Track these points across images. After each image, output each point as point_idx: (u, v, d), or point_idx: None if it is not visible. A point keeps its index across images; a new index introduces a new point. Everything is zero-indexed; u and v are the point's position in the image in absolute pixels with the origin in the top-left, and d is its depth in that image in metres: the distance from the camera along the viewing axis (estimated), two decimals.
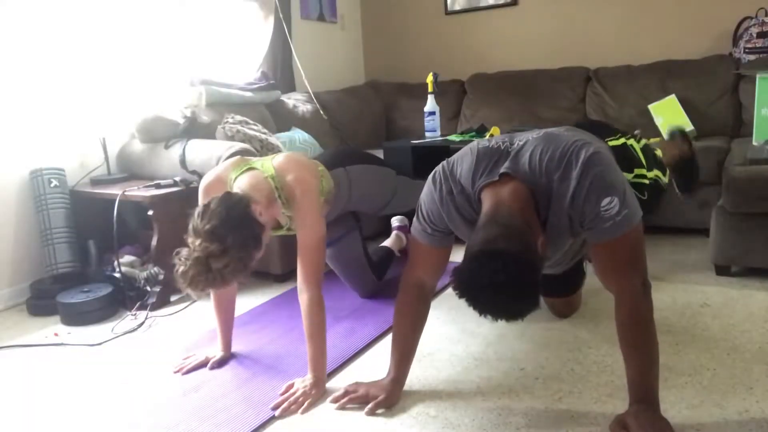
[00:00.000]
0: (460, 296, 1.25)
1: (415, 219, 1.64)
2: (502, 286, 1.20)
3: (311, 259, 1.71)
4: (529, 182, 1.41)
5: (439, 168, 1.59)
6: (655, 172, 1.97)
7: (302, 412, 1.60)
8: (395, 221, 2.83)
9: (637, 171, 1.91)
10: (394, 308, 1.69)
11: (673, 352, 1.78)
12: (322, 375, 1.70)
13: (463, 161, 1.53)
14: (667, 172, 2.07)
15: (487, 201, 1.41)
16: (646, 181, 1.93)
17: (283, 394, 1.66)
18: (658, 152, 2.09)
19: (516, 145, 1.48)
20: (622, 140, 1.92)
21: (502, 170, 1.42)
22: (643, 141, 2.01)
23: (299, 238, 1.74)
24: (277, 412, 1.59)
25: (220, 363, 1.91)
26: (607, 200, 1.35)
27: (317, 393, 1.66)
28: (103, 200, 2.64)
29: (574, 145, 1.41)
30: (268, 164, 1.82)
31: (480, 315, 1.25)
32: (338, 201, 2.14)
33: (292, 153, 1.97)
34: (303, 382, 1.68)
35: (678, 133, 2.31)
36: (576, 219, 1.42)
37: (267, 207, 1.71)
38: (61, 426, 1.62)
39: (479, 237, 1.28)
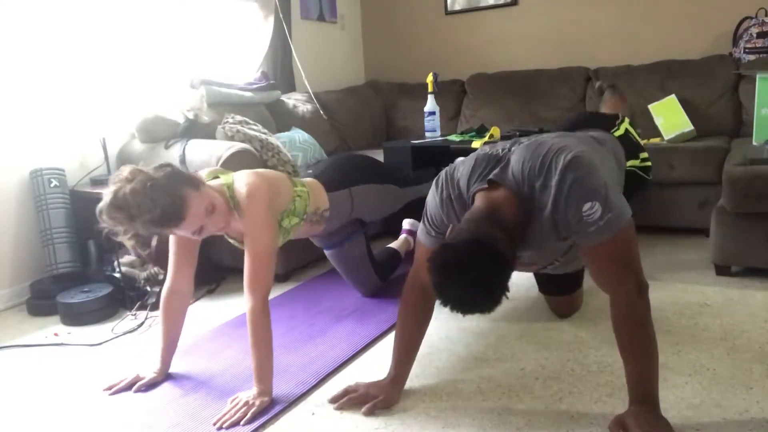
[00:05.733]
0: (431, 277, 1.28)
1: (421, 222, 1.67)
2: (469, 278, 1.25)
3: (255, 270, 1.68)
4: (514, 190, 1.43)
5: (442, 172, 1.62)
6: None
7: (244, 423, 1.55)
8: (406, 224, 2.83)
9: (641, 155, 1.91)
10: (398, 308, 1.69)
11: (673, 352, 1.78)
12: (267, 387, 1.64)
13: (464, 166, 1.56)
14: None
15: (479, 201, 1.45)
16: (649, 163, 1.93)
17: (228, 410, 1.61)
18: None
19: (511, 151, 1.51)
20: (623, 127, 1.92)
21: (489, 177, 1.46)
22: (627, 119, 2.02)
23: (246, 246, 1.72)
24: (219, 431, 1.54)
25: (150, 386, 1.79)
26: (587, 206, 1.35)
27: (261, 403, 1.60)
28: None
29: (554, 152, 1.43)
30: (231, 175, 1.82)
31: (443, 304, 1.29)
32: (336, 219, 2.18)
33: (263, 170, 1.96)
34: (247, 394, 1.63)
35: (605, 86, 2.37)
36: (561, 224, 1.43)
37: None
38: (60, 426, 1.62)
39: (464, 230, 1.33)
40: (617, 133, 1.88)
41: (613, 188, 1.41)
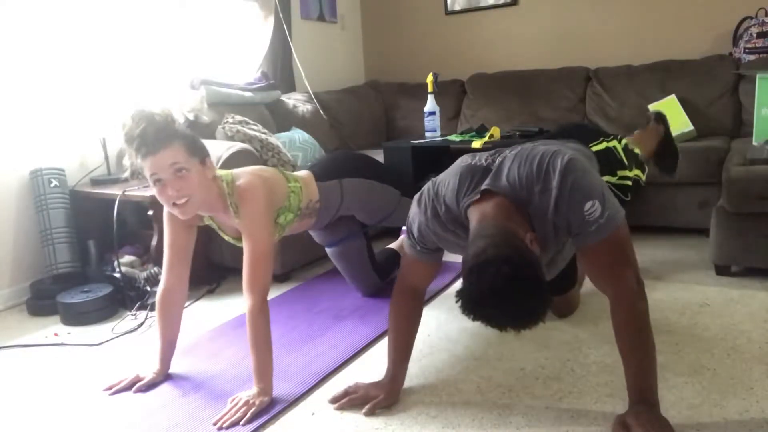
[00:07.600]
0: (469, 314, 1.25)
1: (405, 235, 1.68)
2: (503, 289, 1.20)
3: (253, 269, 1.68)
4: (510, 197, 1.42)
5: (425, 189, 1.61)
6: (636, 171, 1.99)
7: (244, 423, 1.54)
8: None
9: (620, 173, 1.91)
10: (389, 311, 1.70)
11: (673, 352, 1.78)
12: (267, 387, 1.64)
13: (448, 181, 1.55)
14: (646, 169, 2.13)
15: (473, 218, 1.43)
16: (629, 183, 1.93)
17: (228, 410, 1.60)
18: (638, 150, 2.12)
19: (497, 161, 1.50)
20: (604, 144, 1.92)
21: (482, 187, 1.44)
22: (624, 141, 2.02)
23: (244, 246, 1.72)
24: (218, 431, 1.54)
25: (150, 386, 1.78)
26: (588, 204, 1.37)
27: (261, 403, 1.60)
28: (103, 200, 2.63)
29: (549, 155, 1.43)
30: (230, 172, 1.83)
31: (500, 330, 1.27)
32: (327, 212, 2.18)
33: (259, 168, 1.95)
34: (247, 394, 1.63)
35: (654, 115, 2.38)
36: (562, 227, 1.43)
37: (215, 203, 1.73)
38: (61, 426, 1.62)
39: (469, 253, 1.30)
40: (595, 148, 1.89)
41: (606, 187, 1.44)
